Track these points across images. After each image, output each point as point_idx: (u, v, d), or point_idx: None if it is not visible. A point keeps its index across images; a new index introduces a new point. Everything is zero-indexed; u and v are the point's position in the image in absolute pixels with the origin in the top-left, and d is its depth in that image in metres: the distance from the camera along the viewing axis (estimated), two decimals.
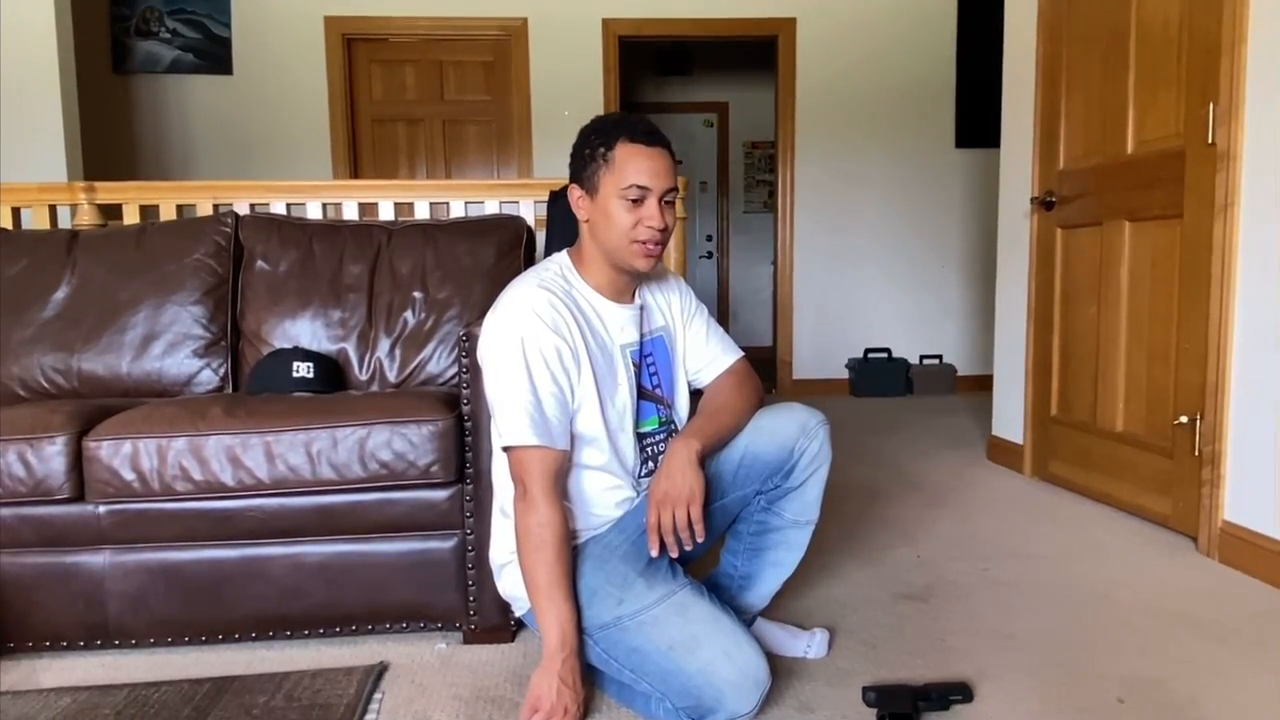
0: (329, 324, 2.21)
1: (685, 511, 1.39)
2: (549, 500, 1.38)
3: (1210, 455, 2.25)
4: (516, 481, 1.41)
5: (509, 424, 1.38)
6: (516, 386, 1.38)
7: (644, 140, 1.44)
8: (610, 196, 1.43)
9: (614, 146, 1.43)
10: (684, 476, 1.41)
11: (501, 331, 1.42)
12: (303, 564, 1.71)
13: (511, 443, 1.39)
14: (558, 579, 1.38)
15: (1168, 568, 2.19)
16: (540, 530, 1.37)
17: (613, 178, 1.43)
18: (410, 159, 5.10)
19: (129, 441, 1.63)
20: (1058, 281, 2.98)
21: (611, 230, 1.44)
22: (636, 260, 1.46)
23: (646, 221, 1.43)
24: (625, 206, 1.42)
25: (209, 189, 2.89)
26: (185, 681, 1.59)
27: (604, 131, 1.45)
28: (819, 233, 5.21)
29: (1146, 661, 1.66)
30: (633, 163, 1.42)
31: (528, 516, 1.38)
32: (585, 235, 1.51)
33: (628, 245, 1.44)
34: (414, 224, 2.42)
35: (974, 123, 5.08)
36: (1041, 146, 3.04)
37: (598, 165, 1.44)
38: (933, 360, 5.22)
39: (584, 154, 1.46)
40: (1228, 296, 2.20)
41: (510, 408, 1.38)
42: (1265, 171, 2.10)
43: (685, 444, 1.44)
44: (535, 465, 1.38)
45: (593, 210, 1.46)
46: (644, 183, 1.42)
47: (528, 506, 1.39)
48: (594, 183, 1.45)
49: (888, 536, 2.45)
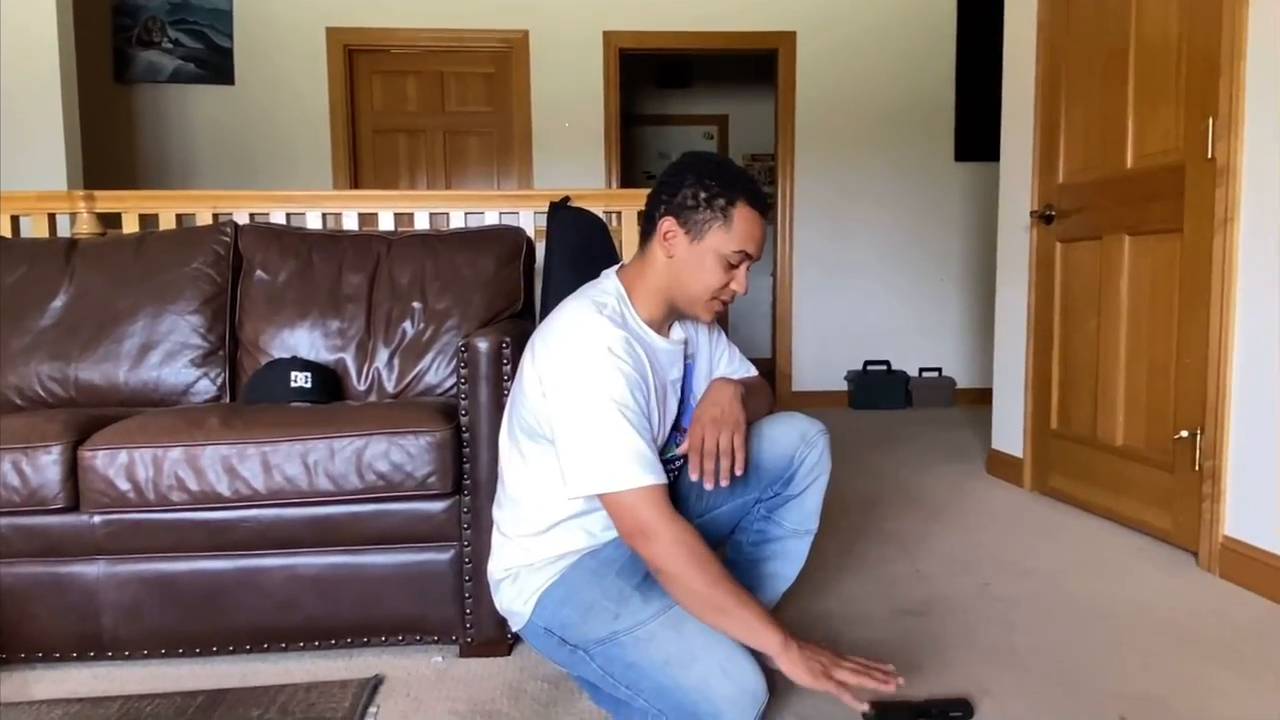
0: (327, 334, 2.20)
1: (730, 437, 1.39)
2: (672, 520, 1.29)
3: (1211, 470, 2.25)
4: (631, 530, 1.30)
5: (613, 466, 1.29)
6: (610, 425, 1.30)
7: (760, 207, 1.43)
8: (711, 251, 1.40)
9: (735, 204, 1.40)
10: (732, 405, 1.43)
11: (580, 366, 1.33)
12: (298, 575, 1.69)
13: (622, 487, 1.29)
14: (730, 584, 1.28)
15: (1169, 583, 2.18)
16: (678, 549, 1.27)
17: (726, 236, 1.40)
18: (411, 170, 5.11)
19: (125, 451, 1.62)
20: (1057, 295, 2.98)
21: (698, 283, 1.42)
22: (704, 314, 1.46)
23: (735, 285, 1.43)
24: (722, 266, 1.41)
25: (209, 198, 2.89)
26: (178, 694, 1.58)
27: (727, 184, 1.41)
28: (819, 245, 5.21)
29: (1148, 678, 1.65)
30: (748, 229, 1.41)
31: (660, 552, 1.28)
32: (659, 269, 1.44)
33: (706, 301, 1.44)
34: (413, 234, 2.42)
35: (974, 136, 5.09)
36: (1041, 160, 3.04)
37: (713, 216, 1.40)
38: (932, 373, 5.22)
39: (698, 196, 1.40)
40: (1228, 311, 2.19)
41: (609, 449, 1.29)
42: (1265, 186, 2.10)
43: (729, 383, 1.46)
44: (650, 505, 1.29)
45: (686, 254, 1.41)
46: (752, 251, 1.42)
47: (653, 543, 1.28)
48: (700, 230, 1.40)
49: (887, 550, 2.43)
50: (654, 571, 1.31)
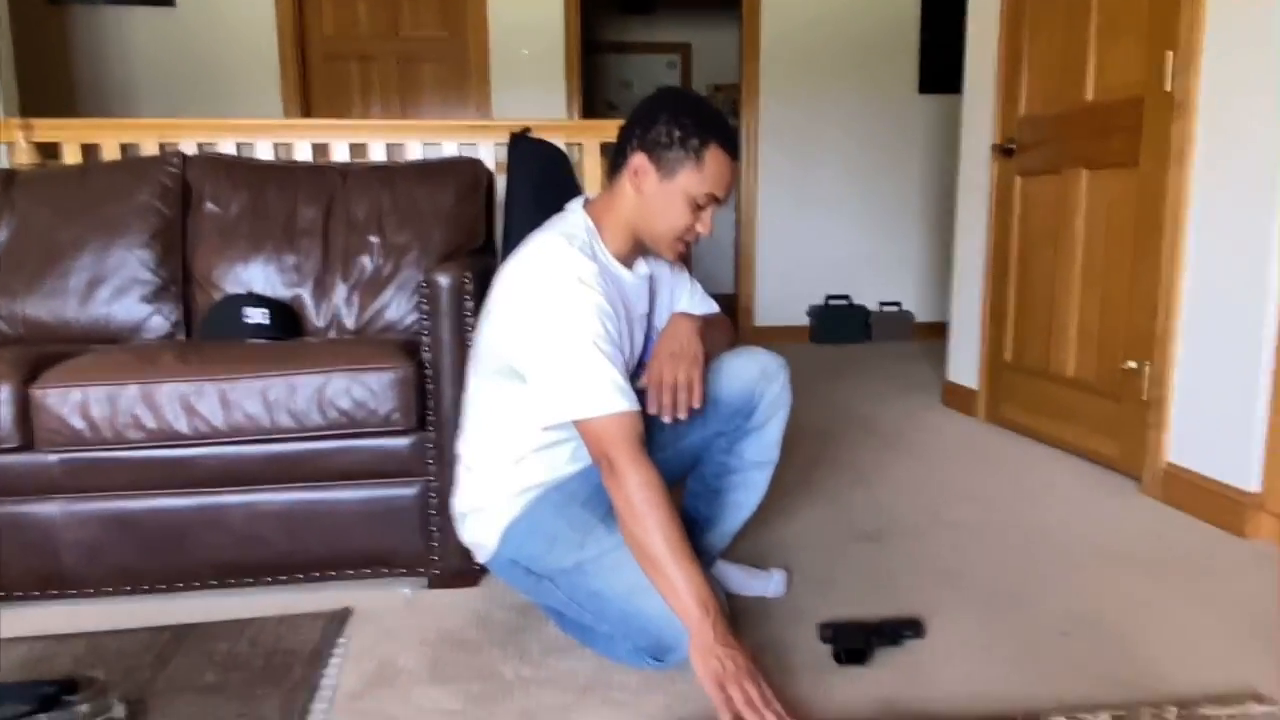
0: (283, 269, 2.16)
1: (688, 372, 1.41)
2: (640, 462, 1.29)
3: (1156, 399, 2.32)
4: (600, 458, 1.31)
5: (588, 393, 1.30)
6: (585, 353, 1.31)
7: (732, 151, 1.42)
8: (681, 190, 1.39)
9: (708, 145, 1.38)
10: (690, 340, 1.45)
11: (552, 296, 1.34)
12: (262, 512, 1.69)
13: (598, 413, 1.29)
14: (677, 541, 1.27)
15: (1112, 508, 2.27)
16: (642, 493, 1.27)
17: (696, 176, 1.39)
18: (364, 98, 4.94)
19: (78, 389, 1.59)
20: (1015, 228, 3.02)
21: (664, 221, 1.42)
22: (669, 252, 1.46)
23: (701, 227, 1.43)
24: (690, 206, 1.40)
25: (154, 127, 2.77)
26: (145, 630, 1.58)
27: (702, 124, 1.39)
28: (782, 178, 5.19)
29: (1090, 597, 1.73)
30: (719, 172, 1.40)
31: (623, 488, 1.28)
32: (627, 203, 1.44)
33: (671, 240, 1.44)
34: (369, 166, 2.37)
35: (937, 68, 5.06)
36: (1003, 93, 3.04)
37: (685, 156, 1.38)
38: (892, 307, 5.28)
39: (671, 134, 1.38)
40: (1179, 245, 2.24)
41: (584, 376, 1.30)
42: (1220, 121, 2.13)
43: (688, 318, 1.48)
44: (619, 432, 1.29)
45: (656, 191, 1.41)
46: (720, 194, 1.42)
47: (619, 479, 1.29)
48: (671, 168, 1.39)
49: (844, 479, 2.50)
50: (612, 504, 1.33)
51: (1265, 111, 1.98)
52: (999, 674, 1.44)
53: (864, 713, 1.32)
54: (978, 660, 1.48)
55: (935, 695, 1.37)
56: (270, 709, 1.32)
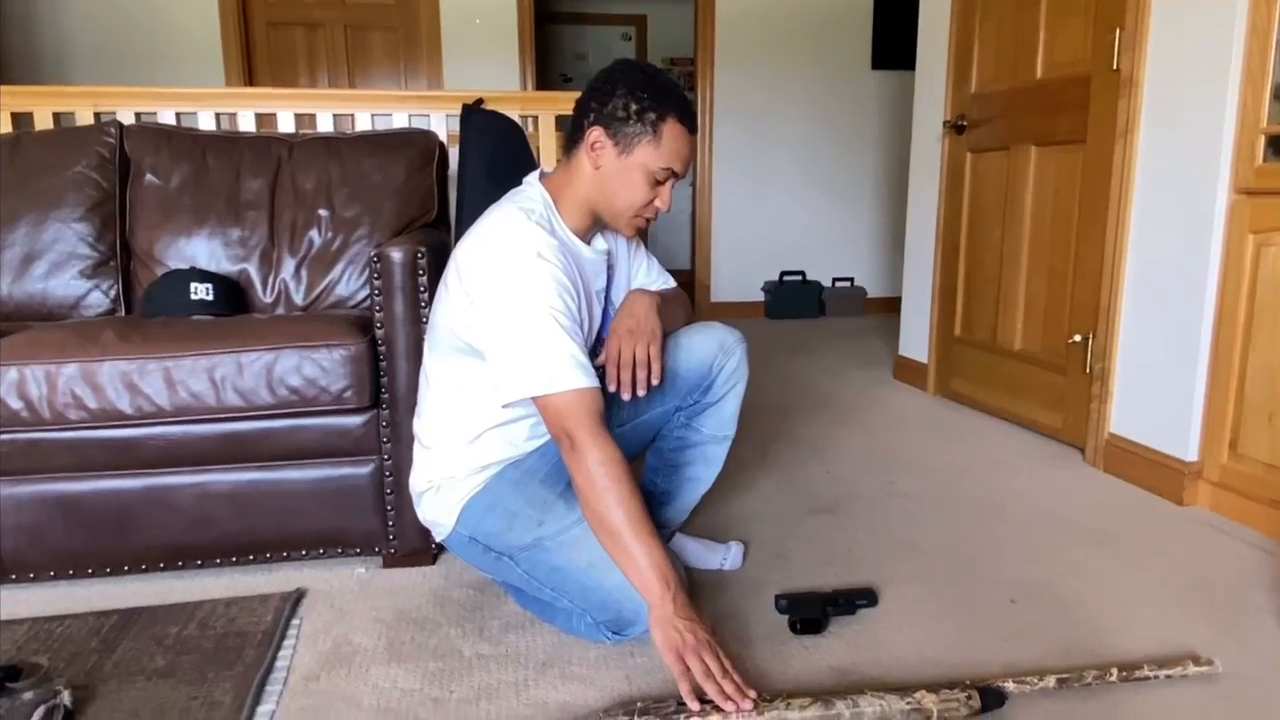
0: (228, 243, 2.10)
1: (646, 349, 1.42)
2: (601, 438, 1.28)
3: (1100, 372, 2.39)
4: (560, 434, 1.30)
5: (547, 369, 1.28)
6: (544, 328, 1.29)
7: (690, 125, 1.40)
8: (639, 166, 1.38)
9: (665, 119, 1.36)
10: (648, 316, 1.45)
11: (510, 272, 1.31)
12: (211, 492, 1.65)
13: (557, 389, 1.28)
14: (637, 516, 1.27)
15: (1057, 477, 2.34)
16: (603, 469, 1.26)
17: (653, 151, 1.37)
18: (310, 67, 4.80)
19: (14, 368, 1.53)
20: (966, 205, 3.06)
21: (622, 197, 1.40)
22: (627, 229, 1.45)
23: (659, 202, 1.41)
24: (648, 181, 1.39)
25: (89, 95, 2.66)
26: (91, 614, 1.54)
27: (659, 97, 1.37)
28: (738, 154, 5.18)
29: (1036, 565, 1.78)
30: (676, 145, 1.38)
31: (583, 464, 1.27)
32: (584, 179, 1.41)
33: (630, 217, 1.42)
34: (316, 137, 2.30)
35: (891, 45, 5.08)
36: (955, 70, 3.07)
37: (642, 130, 1.36)
38: (845, 283, 5.34)
39: (628, 108, 1.36)
40: (1124, 220, 2.29)
41: (543, 352, 1.29)
42: (1165, 98, 2.18)
43: (645, 294, 1.48)
44: (580, 408, 1.28)
45: (613, 166, 1.38)
46: (678, 169, 1.40)
47: (579, 455, 1.27)
48: (629, 143, 1.37)
49: (799, 453, 2.53)
50: (572, 480, 1.32)
51: (1210, 89, 2.03)
52: (949, 641, 1.47)
53: (819, 681, 1.34)
54: (929, 628, 1.52)
55: (888, 662, 1.40)
56: (223, 692, 1.30)
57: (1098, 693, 1.29)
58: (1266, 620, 1.54)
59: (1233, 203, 2.00)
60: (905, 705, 1.19)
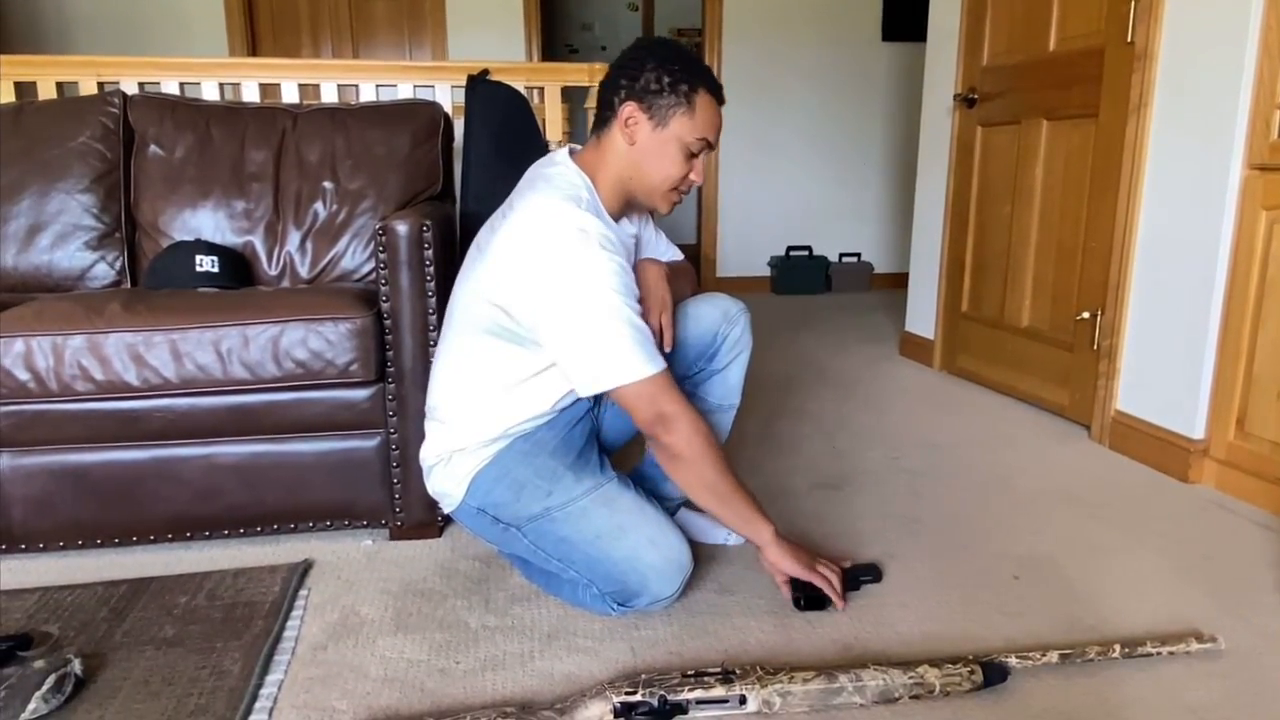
0: (232, 215, 2.09)
1: (658, 317, 1.43)
2: (690, 408, 1.33)
3: (1108, 349, 2.38)
4: (653, 420, 1.31)
5: (628, 360, 1.28)
6: (618, 320, 1.28)
7: (720, 97, 1.41)
8: (675, 139, 1.37)
9: (697, 90, 1.37)
10: (658, 285, 1.45)
11: (578, 264, 1.28)
12: (218, 464, 1.66)
13: (642, 376, 1.29)
14: (734, 473, 1.39)
15: (1062, 454, 2.33)
16: (699, 436, 1.33)
17: (689, 122, 1.37)
18: (314, 37, 4.76)
19: (20, 340, 1.53)
20: (975, 179, 3.03)
21: (659, 171, 1.39)
22: (663, 204, 1.44)
23: (694, 176, 1.41)
24: (684, 155, 1.38)
25: (92, 65, 2.64)
26: (100, 584, 1.56)
27: (690, 70, 1.37)
28: (745, 127, 5.13)
29: (1040, 540, 1.78)
30: (710, 116, 1.39)
31: (681, 433, 1.31)
32: (619, 155, 1.40)
33: (665, 191, 1.42)
34: (321, 108, 2.28)
35: (901, 16, 5.01)
36: (967, 43, 3.03)
37: (677, 102, 1.36)
38: (851, 258, 5.31)
39: (661, 81, 1.35)
40: (1135, 196, 2.27)
41: (620, 344, 1.28)
42: (1180, 72, 2.14)
43: (654, 263, 1.47)
44: (667, 391, 1.31)
45: (649, 140, 1.37)
46: (713, 139, 1.40)
47: (673, 426, 1.31)
48: (665, 116, 1.36)
49: (804, 428, 2.53)
50: (668, 457, 1.35)
51: (1226, 63, 2.00)
52: (953, 615, 1.48)
53: (823, 655, 1.35)
54: (932, 602, 1.52)
55: (891, 637, 1.41)
56: (231, 661, 1.31)
57: (1100, 668, 1.30)
58: (1270, 598, 1.54)
59: (1246, 178, 1.98)
60: (908, 679, 1.20)
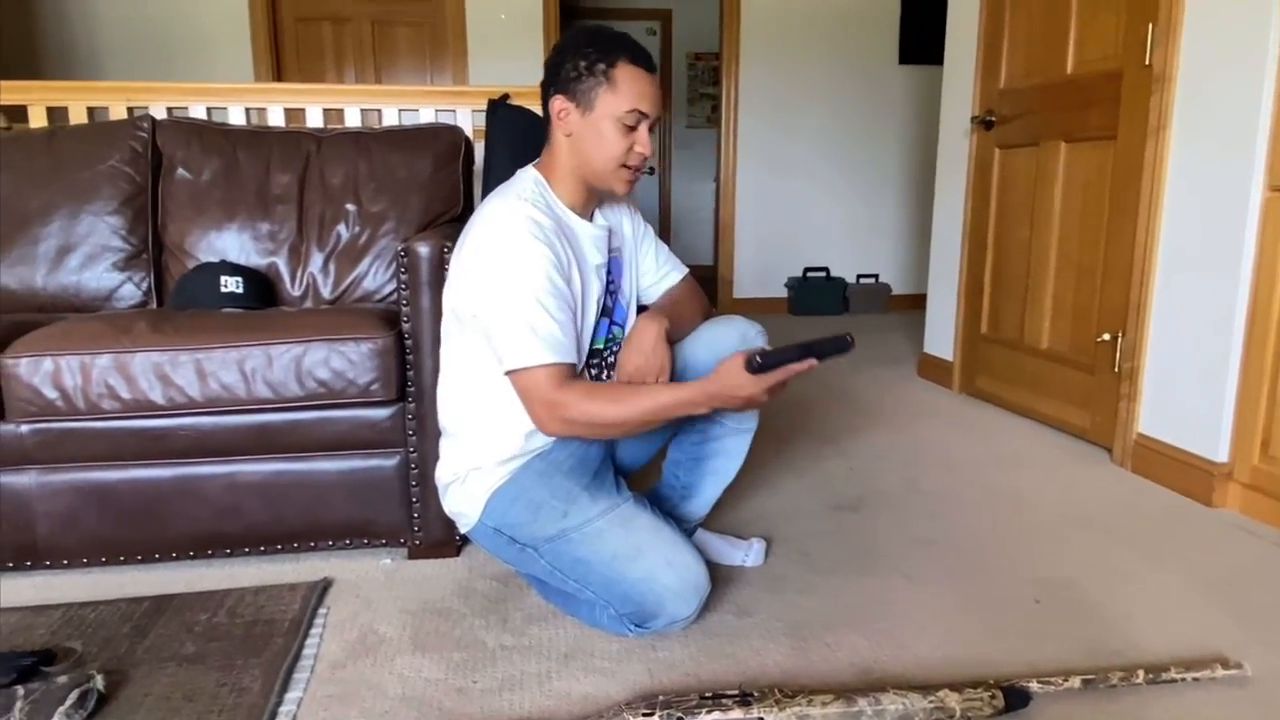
0: (257, 237, 2.13)
1: (658, 363, 1.43)
2: (572, 383, 1.34)
3: (1129, 371, 2.36)
4: (542, 410, 1.34)
5: (517, 345, 1.32)
6: (522, 307, 1.32)
7: (645, 65, 1.40)
8: (605, 117, 1.39)
9: (615, 65, 1.38)
10: (655, 352, 1.44)
11: (496, 253, 1.35)
12: (240, 483, 1.68)
13: (522, 364, 1.32)
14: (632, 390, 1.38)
15: (1084, 477, 2.31)
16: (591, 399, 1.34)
17: (613, 98, 1.38)
18: (338, 63, 4.85)
19: (49, 358, 1.56)
20: (993, 201, 3.03)
21: (601, 151, 1.40)
22: (619, 185, 1.45)
23: (639, 147, 1.41)
24: (620, 130, 1.39)
25: (122, 90, 2.70)
26: (123, 600, 1.57)
27: (605, 47, 1.38)
28: (762, 149, 5.16)
29: (1061, 564, 1.76)
30: (635, 86, 1.39)
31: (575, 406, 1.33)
32: (563, 150, 1.44)
33: (615, 169, 1.42)
34: (345, 132, 2.32)
35: (918, 39, 5.04)
36: (984, 65, 3.04)
37: (596, 82, 1.38)
38: (869, 279, 5.30)
39: (577, 66, 1.38)
40: (1154, 217, 2.26)
41: (518, 329, 1.32)
42: (1198, 94, 2.14)
43: (654, 320, 1.46)
44: (554, 381, 1.33)
45: (582, 127, 1.40)
46: (644, 108, 1.40)
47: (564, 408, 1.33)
48: (589, 99, 1.39)
49: (821, 450, 2.52)
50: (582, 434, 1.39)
51: (1245, 84, 1.99)
52: (973, 639, 1.47)
53: (841, 679, 1.34)
54: (952, 626, 1.51)
55: (911, 661, 1.39)
56: (251, 679, 1.32)
57: (1124, 694, 1.28)
58: None
59: (1267, 200, 1.97)
60: (928, 704, 1.19)
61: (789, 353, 1.32)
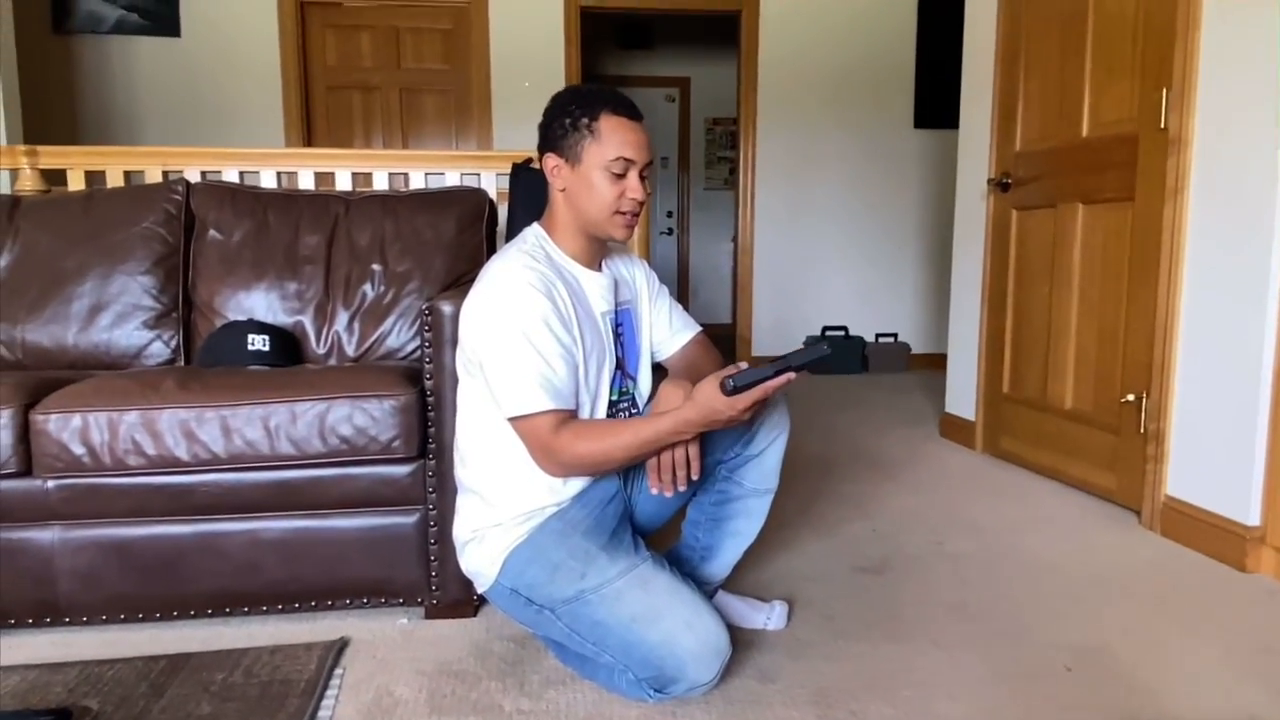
0: (285, 296, 2.17)
1: (685, 449, 1.41)
2: (567, 427, 1.36)
3: (1155, 432, 2.33)
4: (539, 453, 1.38)
5: (516, 392, 1.36)
6: (520, 354, 1.35)
7: (627, 114, 1.46)
8: (594, 168, 1.43)
9: (598, 118, 1.43)
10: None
11: (495, 303, 1.39)
12: (260, 540, 1.68)
13: (522, 411, 1.36)
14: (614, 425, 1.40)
15: (1112, 541, 2.27)
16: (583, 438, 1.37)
17: (598, 149, 1.43)
18: (366, 128, 4.99)
19: (78, 415, 1.59)
20: (1012, 262, 3.04)
21: (594, 201, 1.45)
22: (616, 230, 1.48)
23: (630, 193, 1.45)
24: (609, 179, 1.43)
25: (158, 155, 2.80)
26: (140, 659, 1.57)
27: (586, 102, 1.45)
28: (779, 210, 5.23)
29: (1092, 630, 1.72)
30: (618, 135, 1.43)
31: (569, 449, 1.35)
32: (560, 204, 1.50)
33: (610, 216, 1.46)
34: (372, 195, 2.38)
35: (933, 103, 5.13)
36: (999, 128, 3.08)
37: (581, 136, 1.43)
38: (888, 338, 5.30)
39: (564, 123, 1.45)
40: (1175, 278, 2.26)
41: (517, 376, 1.35)
42: (1215, 156, 2.16)
43: (677, 385, 1.46)
44: (550, 427, 1.36)
45: (573, 180, 1.46)
46: (629, 155, 1.44)
47: (559, 452, 1.36)
48: (576, 153, 1.44)
49: (844, 511, 2.49)
50: (580, 474, 1.42)
51: (1261, 145, 2.01)
52: (1003, 708, 1.42)
53: None
54: (981, 694, 1.47)
55: None
56: None
57: None
58: None
59: None
60: None
61: (763, 371, 1.32)
